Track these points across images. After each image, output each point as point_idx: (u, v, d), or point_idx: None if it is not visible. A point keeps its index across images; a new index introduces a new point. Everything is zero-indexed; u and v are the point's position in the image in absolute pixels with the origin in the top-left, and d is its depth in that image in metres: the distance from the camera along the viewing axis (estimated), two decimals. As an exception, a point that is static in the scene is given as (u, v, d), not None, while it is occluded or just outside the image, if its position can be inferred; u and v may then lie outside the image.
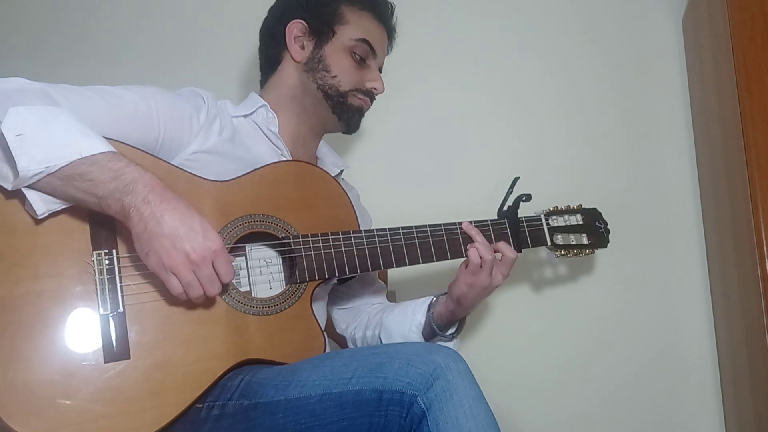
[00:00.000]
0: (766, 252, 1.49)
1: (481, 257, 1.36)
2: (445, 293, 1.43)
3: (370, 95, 1.47)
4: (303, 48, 1.44)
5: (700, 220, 1.88)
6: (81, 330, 1.06)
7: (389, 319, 1.47)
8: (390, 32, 1.52)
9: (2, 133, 1.00)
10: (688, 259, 1.88)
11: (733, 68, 1.57)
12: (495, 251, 1.39)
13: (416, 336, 1.42)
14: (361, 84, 1.44)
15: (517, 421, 1.79)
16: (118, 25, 2.00)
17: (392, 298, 1.83)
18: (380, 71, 1.50)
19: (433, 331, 1.42)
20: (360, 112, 1.47)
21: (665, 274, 1.88)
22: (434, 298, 1.45)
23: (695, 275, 1.87)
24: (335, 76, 1.42)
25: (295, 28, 1.43)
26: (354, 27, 1.43)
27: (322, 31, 1.43)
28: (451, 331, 1.44)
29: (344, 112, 1.44)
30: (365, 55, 1.44)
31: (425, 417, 1.01)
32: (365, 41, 1.43)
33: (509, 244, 1.43)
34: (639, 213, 1.89)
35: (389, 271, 1.76)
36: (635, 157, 1.91)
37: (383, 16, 1.49)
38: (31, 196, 1.03)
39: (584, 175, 1.89)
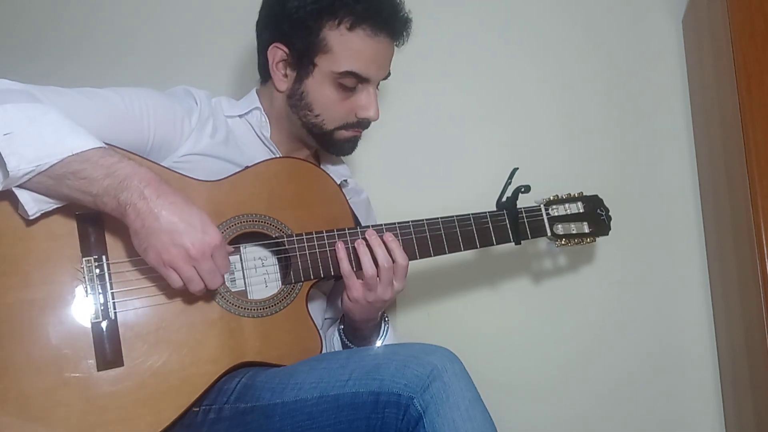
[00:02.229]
0: (766, 252, 1.48)
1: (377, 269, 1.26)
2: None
3: (362, 125, 1.37)
4: (286, 76, 1.34)
5: (700, 220, 1.87)
6: (73, 338, 1.05)
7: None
8: (395, 30, 1.35)
9: None
10: (688, 259, 1.87)
11: (733, 68, 1.56)
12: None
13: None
14: (349, 117, 1.34)
15: (515, 422, 1.79)
16: (116, 25, 1.99)
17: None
18: (388, 75, 1.39)
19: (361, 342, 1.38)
20: (351, 141, 1.39)
21: (665, 274, 1.87)
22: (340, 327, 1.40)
23: (695, 275, 1.86)
24: (318, 115, 1.33)
25: (277, 55, 1.33)
26: (339, 56, 1.28)
27: (302, 63, 1.30)
28: (376, 333, 1.39)
29: (329, 144, 1.38)
30: (353, 85, 1.31)
31: (422, 419, 1.01)
32: (351, 74, 1.29)
33: (508, 237, 1.41)
34: (639, 213, 1.88)
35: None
36: (635, 156, 1.90)
37: (379, 24, 1.30)
38: (23, 196, 1.02)
39: (584, 175, 1.88)
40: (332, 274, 1.27)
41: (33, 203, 1.03)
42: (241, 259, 1.25)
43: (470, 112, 1.94)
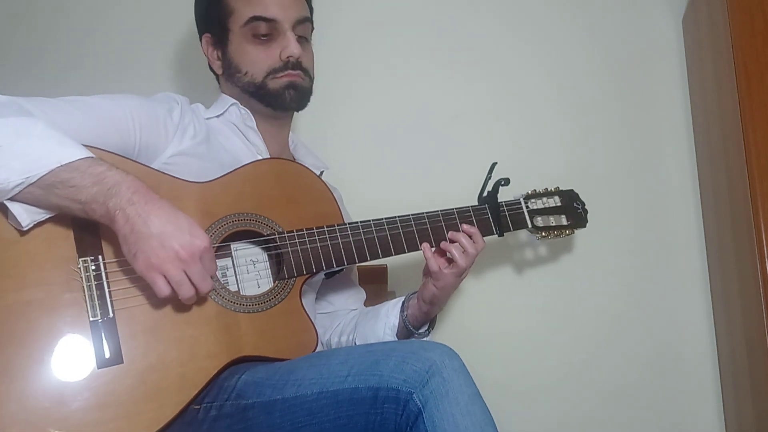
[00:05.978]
0: (766, 252, 1.49)
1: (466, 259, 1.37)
2: (415, 293, 1.44)
3: (292, 65, 1.39)
4: (218, 59, 1.44)
5: (700, 220, 1.88)
6: (72, 338, 1.05)
7: (362, 324, 1.47)
8: None
9: None
10: (688, 259, 1.88)
11: (733, 68, 1.57)
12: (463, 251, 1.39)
13: (390, 338, 1.42)
14: (274, 63, 1.38)
15: (513, 422, 1.78)
16: (120, 35, 2.00)
17: (392, 298, 1.83)
18: (306, 21, 1.43)
19: (409, 332, 1.42)
20: (291, 87, 1.39)
21: (665, 274, 1.88)
22: (405, 299, 1.45)
23: (695, 275, 1.87)
24: (246, 72, 1.39)
25: (205, 44, 1.45)
26: (240, 11, 1.38)
27: (221, 36, 1.41)
28: (424, 328, 1.45)
29: (270, 98, 1.39)
30: (267, 30, 1.37)
31: (421, 414, 1.01)
32: (255, 18, 1.36)
33: (491, 229, 1.46)
34: (639, 213, 1.89)
35: (389, 272, 1.76)
36: (635, 156, 1.91)
37: None
38: (15, 208, 1.03)
39: (584, 175, 1.89)
40: (324, 268, 1.29)
41: (26, 214, 1.04)
42: (233, 261, 1.26)
43: (466, 112, 1.94)
